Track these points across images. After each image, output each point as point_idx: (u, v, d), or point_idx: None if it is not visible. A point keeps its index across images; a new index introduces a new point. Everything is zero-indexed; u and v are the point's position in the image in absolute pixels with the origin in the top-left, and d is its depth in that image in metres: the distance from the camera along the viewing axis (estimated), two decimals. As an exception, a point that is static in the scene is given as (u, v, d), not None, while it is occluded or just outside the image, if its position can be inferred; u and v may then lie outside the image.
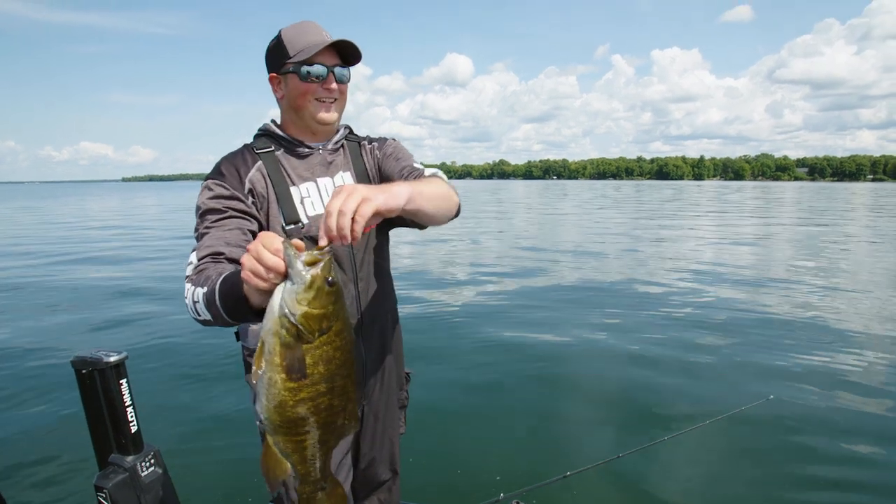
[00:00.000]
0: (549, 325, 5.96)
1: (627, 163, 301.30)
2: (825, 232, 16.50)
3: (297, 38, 1.47)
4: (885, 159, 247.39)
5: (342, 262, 1.55)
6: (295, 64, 1.45)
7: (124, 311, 6.88)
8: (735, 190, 73.39)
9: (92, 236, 16.68)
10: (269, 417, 1.01)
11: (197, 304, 1.22)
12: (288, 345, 0.96)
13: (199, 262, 1.32)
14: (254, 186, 1.47)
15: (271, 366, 0.97)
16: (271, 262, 0.97)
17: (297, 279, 0.95)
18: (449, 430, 3.69)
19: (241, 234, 1.40)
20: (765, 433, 3.47)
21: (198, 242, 1.38)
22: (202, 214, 1.42)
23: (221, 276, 1.19)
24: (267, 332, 0.97)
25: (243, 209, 1.43)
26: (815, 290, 7.86)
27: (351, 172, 1.63)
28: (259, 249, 0.98)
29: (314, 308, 0.96)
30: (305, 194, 1.53)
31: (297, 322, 0.95)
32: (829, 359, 4.77)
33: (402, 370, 1.86)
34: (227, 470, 3.23)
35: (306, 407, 1.01)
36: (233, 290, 1.12)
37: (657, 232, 16.68)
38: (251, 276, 0.99)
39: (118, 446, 1.61)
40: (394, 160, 1.65)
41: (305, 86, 1.47)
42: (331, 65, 1.48)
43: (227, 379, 4.50)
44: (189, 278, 1.30)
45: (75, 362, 1.62)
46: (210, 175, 1.48)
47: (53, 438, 3.61)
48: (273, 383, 0.98)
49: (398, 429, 1.85)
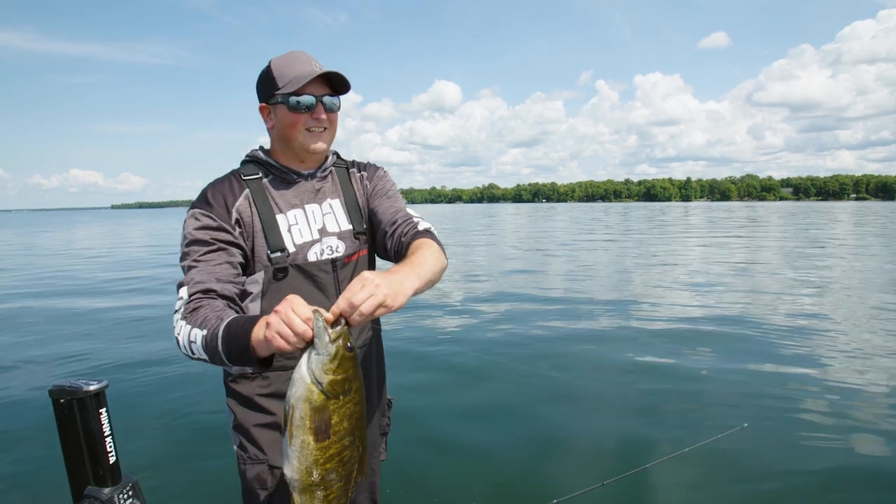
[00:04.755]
0: (530, 354, 5.86)
1: (615, 185, 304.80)
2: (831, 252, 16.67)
3: (285, 68, 1.48)
4: (867, 178, 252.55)
5: (327, 289, 1.54)
6: (283, 95, 1.46)
7: (102, 339, 6.75)
8: (728, 210, 74.28)
9: (77, 264, 16.48)
10: (301, 478, 1.10)
11: (193, 343, 1.25)
12: (317, 409, 1.06)
13: (189, 297, 1.32)
14: (241, 216, 1.47)
15: (303, 429, 1.07)
16: (300, 329, 1.04)
17: (322, 350, 1.05)
18: (430, 457, 3.61)
19: (231, 269, 1.41)
20: (740, 461, 3.42)
21: (185, 274, 1.38)
22: (189, 244, 1.41)
23: (223, 322, 1.21)
24: (297, 398, 1.06)
25: (230, 240, 1.43)
26: (800, 314, 7.92)
27: (340, 199, 1.63)
28: (290, 315, 1.04)
29: (339, 374, 1.07)
30: (293, 221, 1.53)
31: (325, 389, 1.06)
32: (802, 386, 4.70)
33: (385, 397, 1.84)
34: (207, 501, 3.15)
35: (334, 462, 1.11)
36: (237, 339, 1.16)
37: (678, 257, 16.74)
38: (277, 337, 1.05)
39: (95, 478, 1.56)
40: (386, 199, 1.66)
41: (295, 116, 1.48)
42: (320, 94, 1.49)
43: (207, 407, 4.41)
44: (181, 315, 1.30)
45: (53, 391, 1.58)
46: (196, 203, 1.47)
47: (27, 471, 3.50)
48: (306, 445, 1.07)
49: (379, 456, 1.81)
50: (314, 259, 1.53)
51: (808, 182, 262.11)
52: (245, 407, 1.56)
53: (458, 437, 3.92)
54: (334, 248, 1.57)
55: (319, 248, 1.55)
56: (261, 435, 1.54)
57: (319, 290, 1.54)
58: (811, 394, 4.55)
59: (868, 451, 3.56)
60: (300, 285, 1.51)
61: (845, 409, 4.21)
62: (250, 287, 1.49)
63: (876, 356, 5.55)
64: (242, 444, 1.56)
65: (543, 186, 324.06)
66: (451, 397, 4.66)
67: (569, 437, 3.96)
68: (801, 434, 3.81)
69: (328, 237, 1.57)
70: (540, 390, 4.81)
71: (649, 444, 3.73)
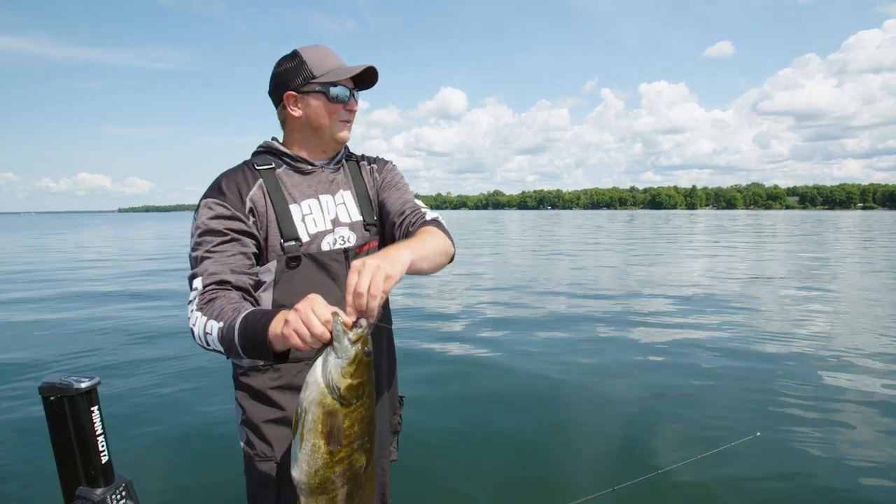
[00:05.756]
0: (542, 357, 5.83)
1: (621, 192, 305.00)
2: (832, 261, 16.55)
3: (321, 60, 1.50)
4: (873, 187, 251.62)
5: (339, 279, 1.53)
6: (322, 84, 1.48)
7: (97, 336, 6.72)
8: (734, 218, 74.01)
9: (81, 266, 16.55)
10: (309, 481, 1.09)
11: (209, 335, 1.24)
12: (331, 412, 1.06)
13: (204, 289, 1.32)
14: (254, 205, 1.46)
15: (314, 433, 1.06)
16: (319, 331, 1.04)
17: (342, 353, 1.04)
18: (441, 459, 3.57)
19: (245, 260, 1.40)
20: (752, 470, 3.36)
21: (198, 265, 1.36)
22: (202, 234, 1.39)
23: (240, 314, 1.21)
24: (311, 402, 1.05)
25: (244, 230, 1.42)
26: (808, 323, 7.83)
27: (352, 191, 1.64)
28: (309, 316, 1.04)
29: (356, 379, 1.06)
30: (307, 211, 1.53)
31: (342, 394, 1.05)
32: (815, 394, 4.63)
33: (396, 394, 1.79)
34: (203, 502, 3.10)
35: (343, 466, 1.10)
36: (254, 332, 1.16)
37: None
38: (294, 336, 1.05)
39: (87, 478, 1.50)
40: (395, 191, 1.67)
41: (333, 106, 1.51)
42: (352, 87, 1.53)
43: (204, 403, 4.38)
44: (196, 306, 1.30)
45: (43, 388, 1.53)
46: (210, 193, 1.45)
47: (15, 470, 3.44)
48: (316, 449, 1.07)
49: (389, 456, 1.76)
50: (327, 248, 1.53)
51: (815, 191, 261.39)
52: (255, 401, 1.52)
53: (468, 440, 3.88)
54: (346, 239, 1.57)
55: (332, 238, 1.55)
56: (270, 431, 1.50)
57: (332, 279, 1.52)
58: (825, 403, 4.46)
59: (884, 462, 3.47)
60: (312, 275, 1.50)
61: (861, 419, 4.13)
62: (263, 276, 1.47)
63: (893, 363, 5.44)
64: (250, 441, 1.53)
65: (548, 193, 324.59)
66: (461, 399, 4.61)
67: (579, 440, 3.92)
68: (815, 444, 3.72)
69: (340, 227, 1.57)
70: (550, 394, 4.76)
71: (660, 450, 3.68)
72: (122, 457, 1.64)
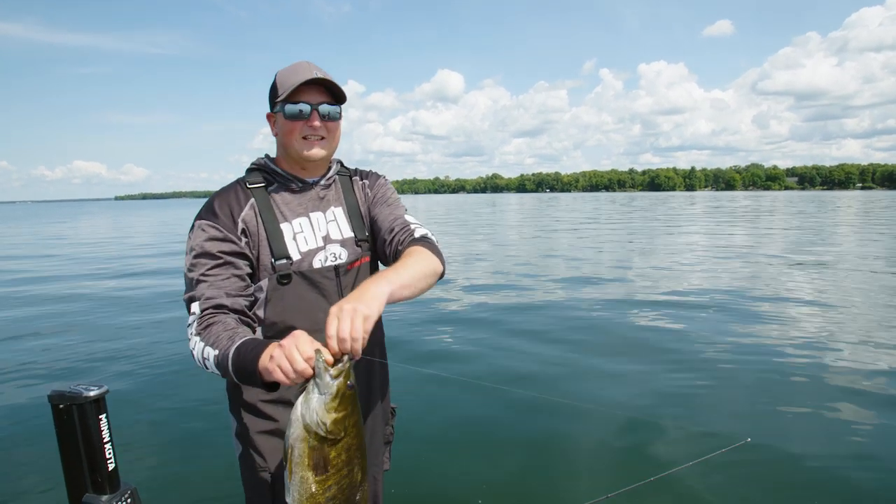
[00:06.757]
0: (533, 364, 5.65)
1: (619, 175, 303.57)
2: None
3: (286, 77, 1.50)
4: (872, 167, 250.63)
5: (330, 296, 1.54)
6: (280, 103, 1.49)
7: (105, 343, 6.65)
8: (733, 199, 73.37)
9: (82, 256, 16.51)
10: None
11: (206, 360, 1.30)
12: (314, 448, 1.10)
13: (202, 313, 1.37)
14: (246, 226, 1.49)
15: (302, 466, 1.10)
16: (301, 367, 1.08)
17: (325, 389, 1.08)
18: (433, 468, 3.56)
19: (239, 281, 1.44)
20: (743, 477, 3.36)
21: (194, 287, 1.41)
22: (196, 256, 1.43)
23: (234, 344, 1.26)
24: (295, 439, 1.09)
25: (236, 251, 1.45)
26: (803, 323, 7.81)
27: (343, 207, 1.65)
28: (293, 352, 1.09)
29: (340, 412, 1.10)
30: (298, 229, 1.55)
31: (329, 429, 1.09)
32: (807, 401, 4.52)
33: (388, 404, 1.81)
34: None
35: (332, 492, 1.14)
36: (245, 363, 1.21)
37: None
38: (277, 370, 1.10)
39: (94, 485, 1.53)
40: (385, 206, 1.68)
41: (291, 123, 1.50)
42: (316, 102, 1.50)
43: (208, 413, 4.34)
44: (194, 331, 1.35)
45: (52, 397, 1.55)
46: (203, 214, 1.49)
47: (22, 478, 3.46)
48: (305, 479, 1.11)
49: (382, 465, 1.79)
50: (318, 266, 1.55)
51: (814, 171, 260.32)
52: (248, 413, 1.55)
53: (461, 448, 3.86)
54: (337, 256, 1.59)
55: (324, 255, 1.56)
56: (263, 443, 1.53)
57: (323, 296, 1.54)
58: (817, 409, 4.38)
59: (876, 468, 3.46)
60: (304, 292, 1.52)
61: (852, 426, 4.06)
62: (256, 294, 1.51)
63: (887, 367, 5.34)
64: (245, 453, 1.56)
65: (547, 176, 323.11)
66: (453, 406, 4.54)
67: (573, 448, 3.88)
68: (806, 450, 3.69)
69: (331, 244, 1.58)
70: (543, 401, 4.65)
71: (653, 457, 3.65)
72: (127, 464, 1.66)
